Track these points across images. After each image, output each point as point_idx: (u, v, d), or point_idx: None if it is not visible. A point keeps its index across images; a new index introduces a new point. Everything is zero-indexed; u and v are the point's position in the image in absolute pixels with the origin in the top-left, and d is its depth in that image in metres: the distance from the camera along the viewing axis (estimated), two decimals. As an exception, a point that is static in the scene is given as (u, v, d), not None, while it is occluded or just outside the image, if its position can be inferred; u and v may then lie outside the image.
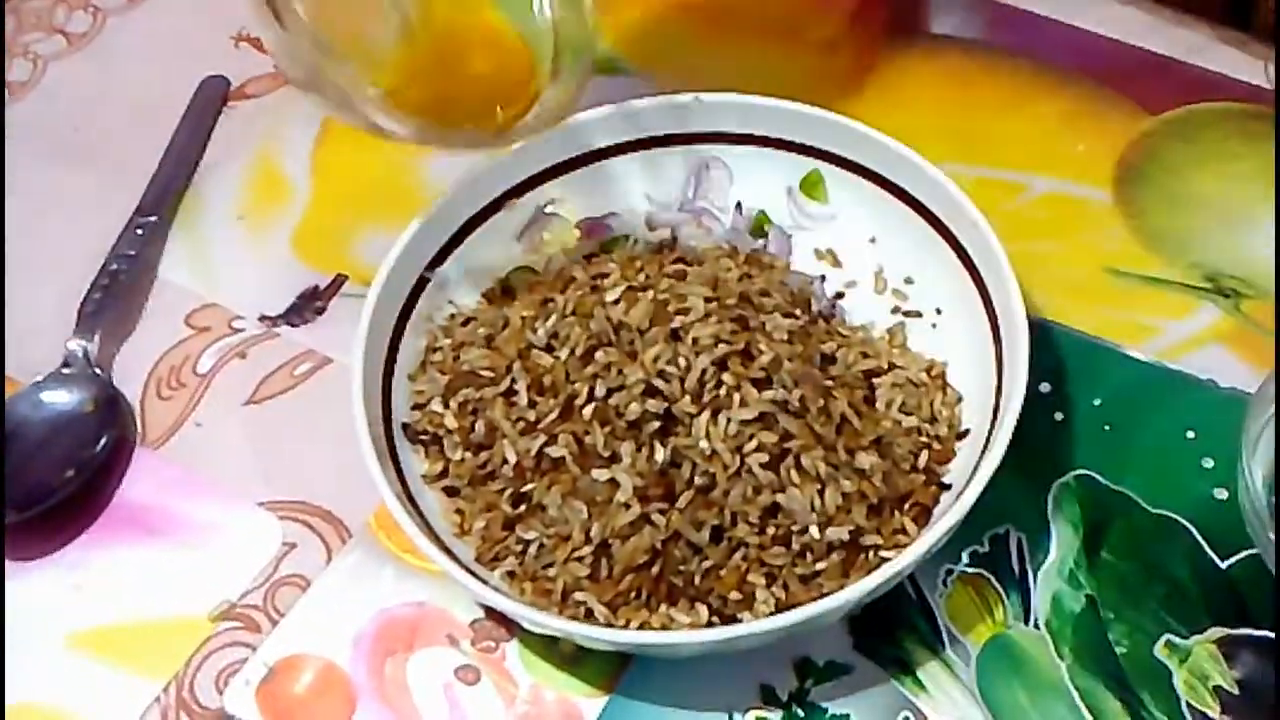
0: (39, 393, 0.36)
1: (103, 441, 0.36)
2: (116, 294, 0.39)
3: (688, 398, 0.32)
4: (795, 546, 0.31)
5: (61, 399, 0.36)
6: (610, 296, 0.33)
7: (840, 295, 0.37)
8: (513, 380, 0.33)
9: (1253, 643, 0.32)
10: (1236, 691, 0.31)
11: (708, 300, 0.33)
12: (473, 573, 0.31)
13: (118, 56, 0.46)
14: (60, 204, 0.42)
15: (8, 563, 0.34)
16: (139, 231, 0.40)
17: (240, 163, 0.43)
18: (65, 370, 0.37)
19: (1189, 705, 0.31)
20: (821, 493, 0.31)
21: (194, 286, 0.40)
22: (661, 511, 0.31)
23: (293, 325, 0.39)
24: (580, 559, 0.31)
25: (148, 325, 0.39)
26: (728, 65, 0.44)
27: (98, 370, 0.37)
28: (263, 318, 0.39)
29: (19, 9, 0.48)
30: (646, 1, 0.46)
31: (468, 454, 0.33)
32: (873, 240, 0.38)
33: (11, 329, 0.39)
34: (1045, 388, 0.36)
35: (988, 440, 0.32)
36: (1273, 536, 0.31)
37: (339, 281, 0.40)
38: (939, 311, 0.36)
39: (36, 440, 0.36)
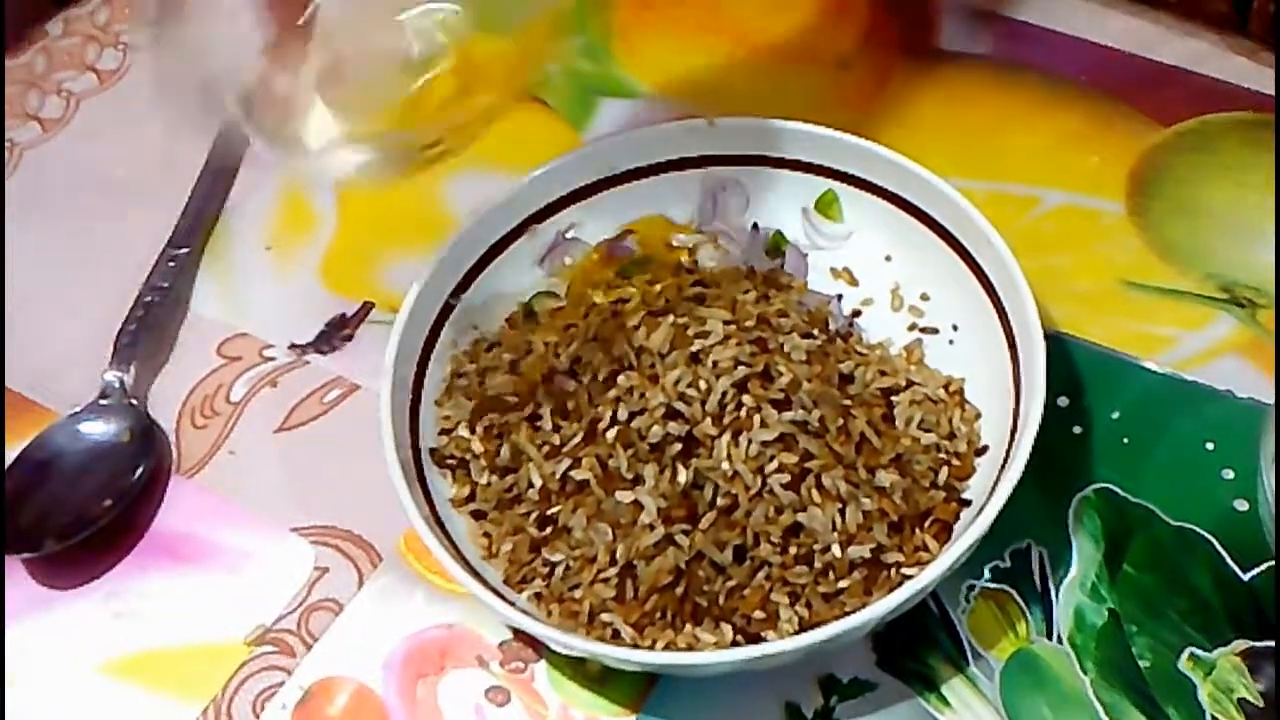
0: (76, 424, 0.37)
1: (139, 471, 0.36)
2: (150, 325, 0.40)
3: (709, 420, 0.32)
4: (818, 565, 0.31)
5: (99, 429, 0.37)
6: (631, 321, 0.34)
7: (857, 313, 0.38)
8: (537, 405, 0.34)
9: (1276, 654, 0.32)
10: (1261, 704, 0.31)
11: (726, 323, 0.34)
12: (501, 595, 0.32)
13: (148, 92, 0.47)
14: (94, 237, 0.44)
15: (46, 592, 0.35)
16: (171, 263, 0.41)
17: (268, 194, 0.44)
18: (102, 401, 0.38)
19: (1213, 718, 0.31)
20: (843, 511, 0.32)
21: (225, 317, 0.41)
22: (685, 532, 0.32)
23: (322, 353, 0.40)
24: (606, 580, 0.32)
25: (181, 355, 0.40)
26: (741, 87, 0.45)
27: (133, 401, 0.38)
28: (292, 346, 0.40)
29: (50, 47, 0.49)
30: (660, 25, 0.47)
31: (494, 478, 0.34)
32: (888, 258, 0.38)
33: (47, 360, 0.40)
34: (1063, 401, 0.36)
35: (1007, 455, 0.32)
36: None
37: (366, 309, 0.41)
38: (955, 328, 0.37)
39: (74, 470, 0.37)
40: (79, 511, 0.36)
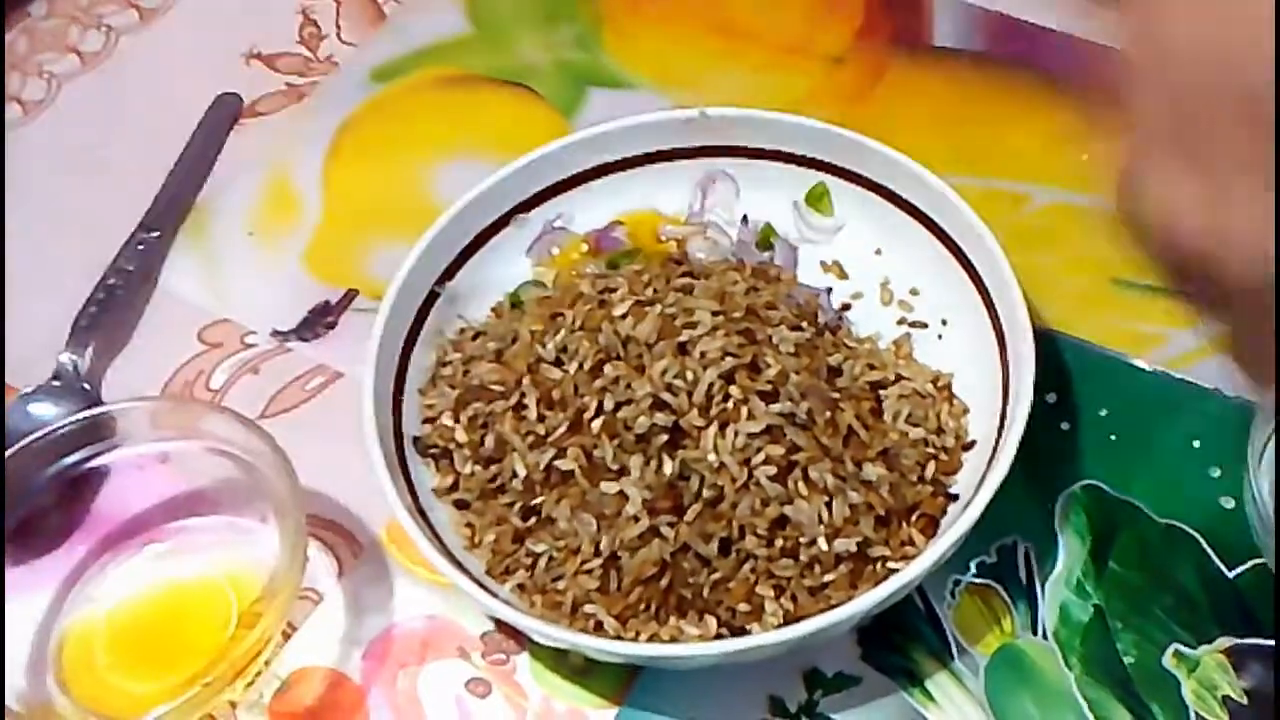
0: (26, 405, 0.37)
1: (82, 455, 0.34)
2: (111, 308, 0.39)
3: (695, 411, 0.32)
4: (803, 558, 0.31)
5: (48, 411, 0.37)
6: (618, 311, 0.34)
7: (846, 307, 0.38)
8: (522, 394, 0.33)
9: (1261, 652, 0.32)
10: (1245, 701, 0.31)
11: (715, 314, 0.33)
12: (483, 585, 0.31)
13: (131, 75, 0.47)
14: (73, 220, 0.43)
15: (11, 574, 0.34)
16: (140, 246, 0.41)
17: (251, 179, 0.43)
18: (54, 383, 0.37)
19: (1198, 715, 0.31)
20: (829, 504, 0.31)
21: (206, 303, 0.40)
22: (670, 524, 0.31)
23: (304, 340, 0.39)
24: (590, 571, 0.31)
25: (161, 341, 0.40)
26: (734, 79, 0.45)
27: (86, 385, 0.37)
28: (275, 333, 0.40)
29: (33, 29, 0.48)
30: (654, 16, 0.47)
31: (478, 467, 0.34)
32: (878, 252, 0.38)
33: (22, 342, 0.40)
34: (1051, 398, 0.36)
35: (994, 451, 0.32)
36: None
37: (350, 296, 0.40)
38: (945, 322, 0.37)
39: (19, 451, 0.35)
40: (21, 493, 0.35)
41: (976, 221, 0.35)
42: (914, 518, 0.32)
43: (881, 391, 0.34)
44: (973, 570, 0.33)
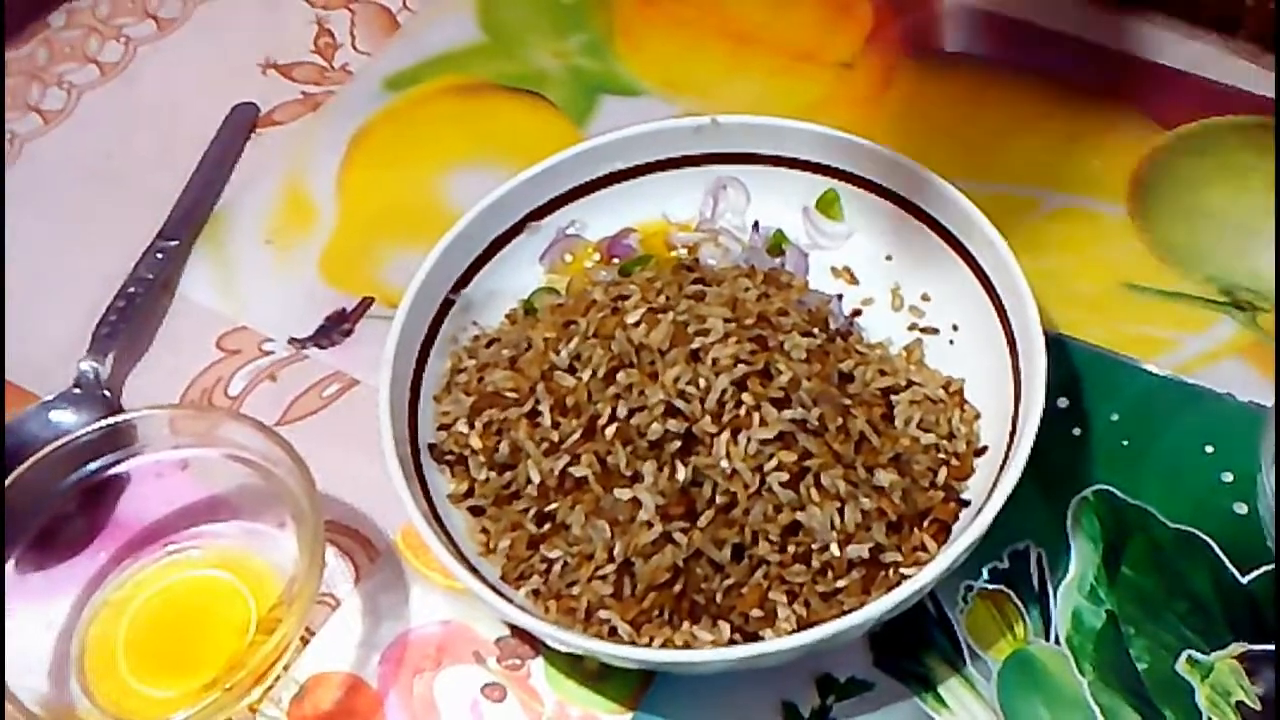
0: (47, 412, 0.37)
1: (103, 461, 0.35)
2: (131, 316, 0.40)
3: (708, 417, 0.32)
4: (816, 564, 0.31)
5: (68, 419, 0.37)
6: (631, 318, 0.34)
7: (857, 313, 0.38)
8: (536, 401, 0.34)
9: (1275, 658, 0.32)
10: (1259, 708, 0.31)
11: (727, 321, 0.34)
12: (498, 591, 0.31)
13: (149, 85, 0.47)
14: (92, 228, 0.44)
15: (33, 580, 0.35)
16: (159, 255, 0.41)
17: (268, 188, 0.44)
18: (75, 390, 0.38)
19: (1211, 720, 0.31)
20: (841, 510, 0.32)
21: (224, 310, 0.41)
22: (683, 530, 0.31)
23: (321, 347, 0.40)
24: (603, 577, 0.32)
25: (180, 349, 0.40)
26: (745, 86, 0.45)
27: (106, 392, 0.38)
28: (292, 340, 0.40)
29: (52, 39, 0.49)
30: (663, 23, 0.47)
31: (492, 474, 0.34)
32: (889, 258, 0.38)
33: (41, 349, 0.40)
34: (1063, 403, 0.36)
35: (1006, 456, 0.32)
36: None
37: (366, 304, 0.41)
38: (956, 328, 0.37)
39: (41, 457, 0.36)
40: (42, 500, 0.35)
41: (987, 226, 0.35)
42: (926, 523, 0.33)
43: (893, 397, 0.35)
44: (985, 576, 0.33)
